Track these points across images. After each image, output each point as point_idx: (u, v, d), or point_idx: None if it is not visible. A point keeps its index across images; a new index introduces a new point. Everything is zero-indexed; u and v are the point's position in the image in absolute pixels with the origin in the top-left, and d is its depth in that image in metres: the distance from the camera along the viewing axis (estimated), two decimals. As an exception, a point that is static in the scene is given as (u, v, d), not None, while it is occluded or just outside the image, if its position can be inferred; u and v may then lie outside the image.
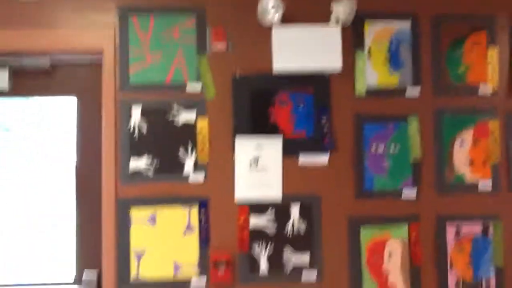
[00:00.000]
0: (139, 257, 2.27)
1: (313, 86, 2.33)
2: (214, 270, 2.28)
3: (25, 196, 2.43)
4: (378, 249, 2.32)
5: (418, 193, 2.35)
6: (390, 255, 2.32)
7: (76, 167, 2.39)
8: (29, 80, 2.38)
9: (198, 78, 2.32)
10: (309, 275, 2.30)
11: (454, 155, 2.36)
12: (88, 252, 2.37)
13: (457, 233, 2.34)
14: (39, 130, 2.43)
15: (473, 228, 2.35)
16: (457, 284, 2.33)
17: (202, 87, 2.32)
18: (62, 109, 2.42)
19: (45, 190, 2.46)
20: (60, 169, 2.44)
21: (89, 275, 2.32)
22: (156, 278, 2.26)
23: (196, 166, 2.31)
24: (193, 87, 2.32)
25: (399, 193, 2.34)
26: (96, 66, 2.36)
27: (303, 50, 2.26)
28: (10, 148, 2.41)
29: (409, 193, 2.34)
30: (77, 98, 2.38)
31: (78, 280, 2.33)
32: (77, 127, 2.39)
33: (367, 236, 2.32)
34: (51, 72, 2.37)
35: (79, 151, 2.39)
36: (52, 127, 2.43)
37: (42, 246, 2.45)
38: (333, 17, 2.28)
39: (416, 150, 2.35)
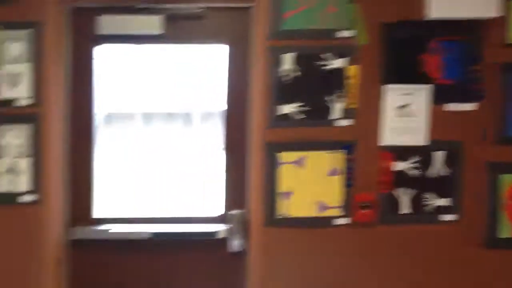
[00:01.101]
0: (285, 197, 2.39)
1: (465, 33, 2.32)
2: (357, 211, 2.39)
3: (178, 140, 2.53)
4: (517, 194, 2.42)
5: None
6: (528, 201, 2.42)
7: (225, 112, 2.45)
8: (181, 26, 2.40)
9: (350, 25, 2.32)
10: (448, 218, 2.40)
11: None
12: (235, 193, 2.49)
13: None
14: (190, 75, 2.48)
15: None
16: None
17: (353, 34, 2.33)
18: (212, 54, 2.45)
19: (196, 135, 2.55)
20: (210, 114, 2.51)
21: (235, 214, 2.45)
22: (302, 217, 2.39)
23: (344, 112, 2.36)
24: (345, 33, 2.32)
25: (541, 141, 2.39)
26: (247, 11, 2.37)
27: (458, -4, 2.24)
28: (162, 93, 2.47)
29: (550, 140, 2.39)
30: (228, 43, 2.40)
31: (225, 219, 2.47)
32: (228, 72, 2.42)
33: (507, 181, 2.40)
34: (202, 17, 2.38)
35: (228, 95, 2.44)
36: (202, 72, 2.48)
37: (195, 187, 2.58)
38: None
39: None
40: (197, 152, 2.56)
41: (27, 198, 2.32)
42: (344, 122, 2.36)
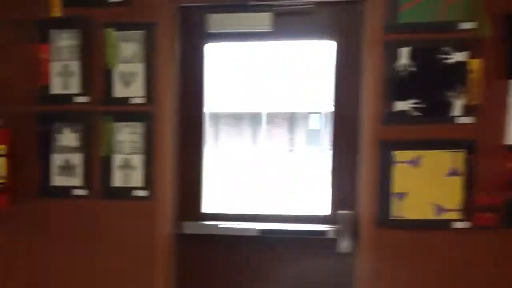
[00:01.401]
0: (399, 198, 2.28)
1: None
2: (478, 214, 2.23)
3: (286, 139, 2.51)
4: None
5: None
6: None
7: (334, 110, 2.37)
8: (289, 22, 2.36)
9: (472, 16, 2.16)
10: None
11: None
12: (343, 192, 2.41)
13: None
14: (298, 71, 2.44)
15: None
16: None
17: (476, 26, 2.16)
18: (321, 50, 2.39)
19: (304, 134, 2.52)
20: (318, 113, 2.46)
21: (345, 214, 2.38)
22: (417, 219, 2.27)
23: (465, 108, 2.20)
24: (466, 26, 2.16)
25: None
26: (356, 5, 2.29)
27: None
28: (270, 87, 2.45)
29: None
30: (336, 38, 2.32)
31: (334, 219, 2.40)
32: (336, 68, 2.35)
33: None
34: (311, 13, 2.32)
35: (337, 92, 2.36)
36: (310, 68, 2.43)
37: (304, 186, 2.55)
38: None
39: None
40: (305, 152, 2.51)
41: (140, 193, 2.39)
42: (465, 120, 2.21)
